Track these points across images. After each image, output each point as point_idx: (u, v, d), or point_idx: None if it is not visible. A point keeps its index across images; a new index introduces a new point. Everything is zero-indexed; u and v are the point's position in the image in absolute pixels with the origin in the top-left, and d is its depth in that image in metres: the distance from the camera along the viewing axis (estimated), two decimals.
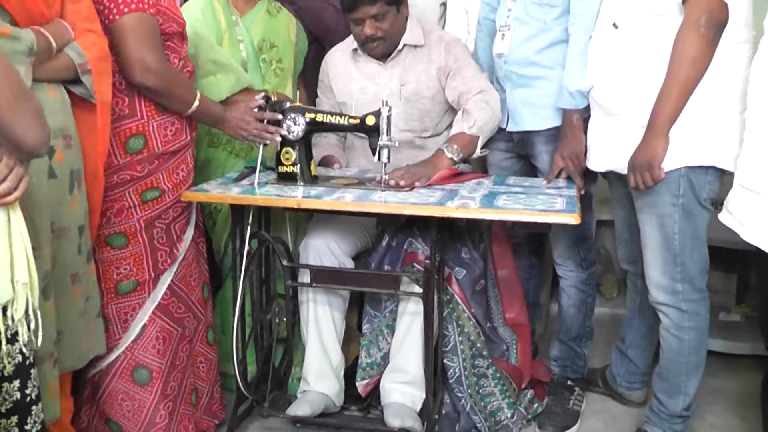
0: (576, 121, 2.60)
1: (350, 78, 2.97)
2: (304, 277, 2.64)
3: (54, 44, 1.98)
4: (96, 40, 2.13)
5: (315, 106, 3.04)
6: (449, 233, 2.63)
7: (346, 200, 2.37)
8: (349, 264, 2.74)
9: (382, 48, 2.88)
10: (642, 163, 2.30)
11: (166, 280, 2.48)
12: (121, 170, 2.33)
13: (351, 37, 2.98)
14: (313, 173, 2.63)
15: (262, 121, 2.57)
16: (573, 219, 2.23)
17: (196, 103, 2.41)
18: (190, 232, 2.56)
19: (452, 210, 2.27)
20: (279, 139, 2.54)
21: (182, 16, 2.46)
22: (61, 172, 2.03)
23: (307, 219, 2.92)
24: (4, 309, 1.60)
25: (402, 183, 2.51)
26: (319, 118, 2.60)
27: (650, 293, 2.49)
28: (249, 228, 2.58)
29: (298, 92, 2.91)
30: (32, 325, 1.65)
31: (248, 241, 2.57)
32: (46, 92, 1.98)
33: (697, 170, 2.31)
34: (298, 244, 2.86)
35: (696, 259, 2.41)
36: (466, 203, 2.31)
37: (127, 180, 2.34)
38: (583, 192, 2.60)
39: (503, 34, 2.79)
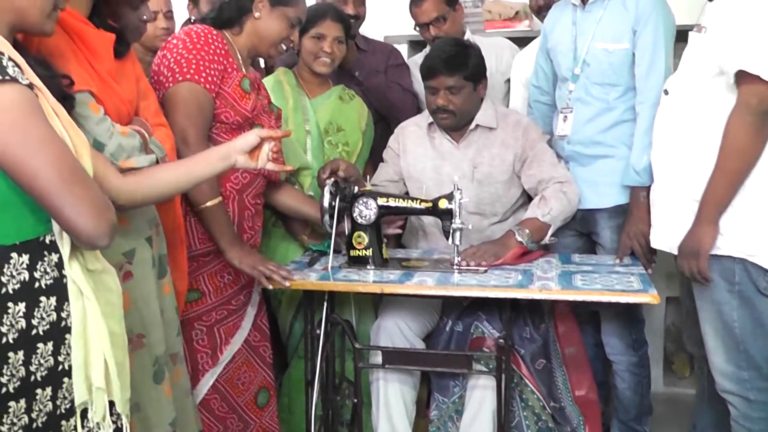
0: (643, 198, 2.63)
1: (424, 155, 3.01)
2: (375, 358, 2.66)
3: (148, 140, 2.05)
4: (168, 133, 2.19)
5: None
6: (514, 313, 2.66)
7: (428, 284, 2.40)
8: (420, 345, 2.75)
9: (451, 121, 2.92)
10: (689, 251, 2.27)
11: (207, 381, 2.50)
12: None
13: (426, 112, 3.04)
14: (384, 256, 2.67)
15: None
16: (652, 299, 2.27)
17: (213, 202, 2.38)
18: (240, 337, 2.57)
19: (536, 292, 2.31)
20: (288, 285, 2.45)
21: (247, 109, 2.50)
22: (157, 259, 2.08)
23: (369, 300, 2.96)
24: (85, 411, 1.56)
25: (473, 263, 2.55)
26: (392, 202, 2.65)
27: (716, 380, 2.38)
28: (322, 311, 2.61)
29: (368, 177, 2.95)
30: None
31: (321, 325, 2.60)
32: None
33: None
34: (359, 323, 2.89)
35: (761, 346, 2.27)
36: (547, 285, 2.35)
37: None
38: (650, 271, 2.64)
39: (565, 116, 2.85)
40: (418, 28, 3.53)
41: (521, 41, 3.82)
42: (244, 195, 2.57)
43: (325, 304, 2.59)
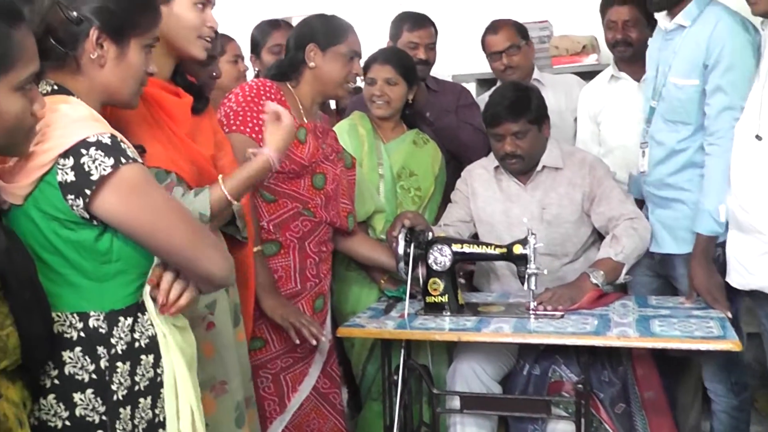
0: (706, 250, 2.56)
1: (492, 198, 3.02)
2: (453, 402, 2.68)
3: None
4: None
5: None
6: (592, 356, 2.65)
7: (505, 331, 2.42)
8: (496, 388, 2.76)
9: (519, 166, 2.93)
10: None
11: (276, 428, 2.53)
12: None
13: (492, 154, 3.06)
14: (460, 302, 2.69)
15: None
16: (733, 346, 2.24)
17: (255, 249, 2.42)
18: (307, 384, 2.60)
19: (613, 339, 2.31)
20: (314, 342, 2.46)
21: (303, 158, 2.55)
22: (233, 308, 2.14)
23: (444, 343, 2.97)
24: None
25: (549, 308, 2.56)
26: (466, 248, 2.68)
27: None
28: (399, 356, 2.64)
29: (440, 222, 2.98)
30: None
31: (398, 370, 2.62)
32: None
33: None
34: (434, 366, 2.91)
35: None
36: (625, 331, 2.34)
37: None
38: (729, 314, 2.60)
39: (643, 152, 2.82)
40: (488, 58, 3.58)
41: (589, 75, 3.82)
42: (306, 243, 2.61)
43: (402, 350, 2.62)
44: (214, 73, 2.42)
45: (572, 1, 4.15)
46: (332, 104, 3.63)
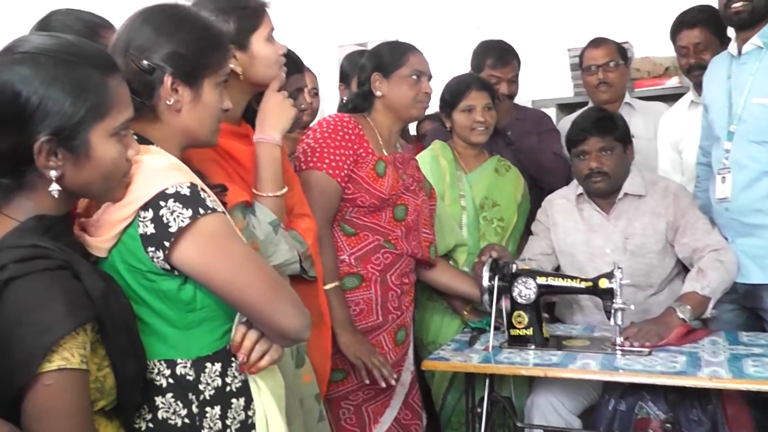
0: None
1: (574, 228, 3.00)
2: None
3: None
4: (310, 224, 2.24)
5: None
6: (680, 394, 2.60)
7: (592, 368, 2.39)
8: (575, 422, 2.73)
9: (605, 184, 2.90)
10: None
11: None
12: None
13: (574, 183, 3.04)
14: (545, 335, 2.67)
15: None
16: None
17: (331, 286, 2.43)
18: (389, 416, 2.61)
19: (705, 380, 2.26)
20: (384, 385, 2.47)
21: (382, 191, 2.56)
22: (295, 349, 2.12)
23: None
24: None
25: (636, 344, 2.52)
26: (551, 281, 2.66)
27: None
28: (482, 388, 2.63)
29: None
30: None
31: (482, 402, 2.61)
32: None
33: None
34: (515, 397, 2.89)
35: None
36: (717, 372, 2.29)
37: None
38: None
39: (723, 177, 2.75)
40: (584, 72, 3.56)
41: (671, 98, 3.77)
42: (388, 275, 2.62)
43: (486, 383, 2.61)
44: (303, 106, 2.45)
45: (654, 22, 4.08)
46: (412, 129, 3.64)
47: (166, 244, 1.45)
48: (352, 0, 4.75)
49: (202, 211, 1.47)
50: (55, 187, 1.37)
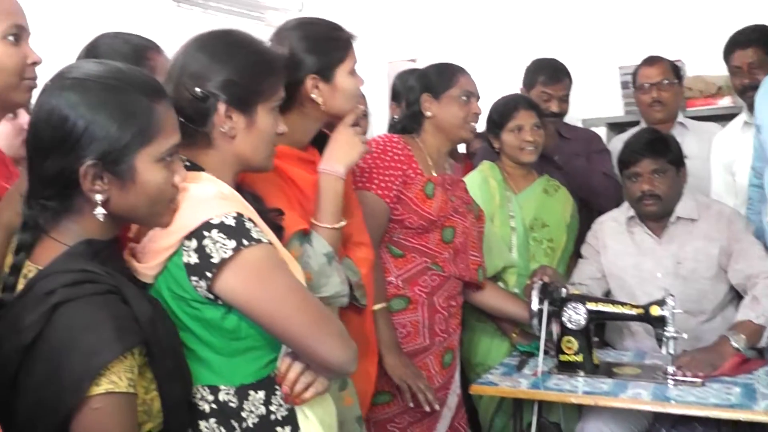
0: None
1: (624, 252, 2.97)
2: None
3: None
4: (367, 253, 2.23)
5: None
6: (734, 426, 2.56)
7: (643, 398, 2.37)
8: None
9: (657, 208, 2.86)
10: None
11: None
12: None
13: (625, 205, 3.01)
14: (594, 362, 2.64)
15: None
16: None
17: (379, 307, 2.41)
18: None
19: (761, 415, 2.21)
20: (429, 409, 2.46)
21: (431, 213, 2.55)
22: None
23: None
24: None
25: (689, 374, 2.49)
26: (601, 307, 2.64)
27: None
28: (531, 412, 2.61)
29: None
30: None
31: (531, 427, 2.60)
32: None
33: None
34: (565, 423, 2.86)
35: None
36: None
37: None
38: None
39: None
40: (638, 91, 3.52)
41: (724, 118, 3.71)
42: (435, 298, 2.61)
43: (535, 408, 2.60)
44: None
45: (706, 40, 4.04)
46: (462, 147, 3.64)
47: (209, 274, 1.45)
48: (403, 16, 4.77)
49: (246, 242, 1.46)
50: (100, 211, 1.38)
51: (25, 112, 2.01)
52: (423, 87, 2.67)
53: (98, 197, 1.37)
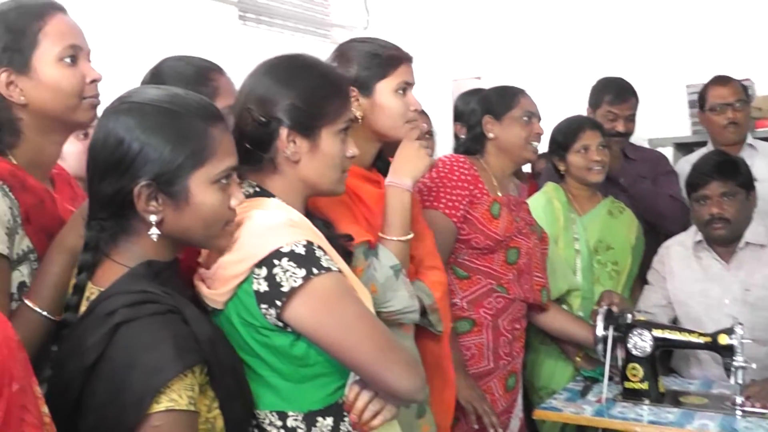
0: None
1: (691, 278, 2.93)
2: None
3: None
4: (440, 277, 2.23)
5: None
6: None
7: (710, 429, 2.33)
8: None
9: (725, 232, 2.83)
10: None
11: None
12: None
13: (692, 229, 2.98)
14: (660, 390, 2.62)
15: None
16: None
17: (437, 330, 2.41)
18: None
19: None
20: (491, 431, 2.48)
21: (497, 233, 2.56)
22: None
23: None
24: None
25: (758, 405, 2.45)
26: (668, 334, 2.62)
27: None
28: None
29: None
30: None
31: None
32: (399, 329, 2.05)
33: None
34: None
35: None
36: None
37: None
38: None
39: None
40: (710, 112, 3.46)
41: None
42: (499, 320, 2.61)
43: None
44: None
45: None
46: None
47: (278, 303, 1.47)
48: (467, 34, 4.79)
49: (315, 270, 1.48)
50: (154, 231, 1.41)
51: None
52: (484, 109, 2.69)
53: (152, 218, 1.40)
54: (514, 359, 2.68)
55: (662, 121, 4.04)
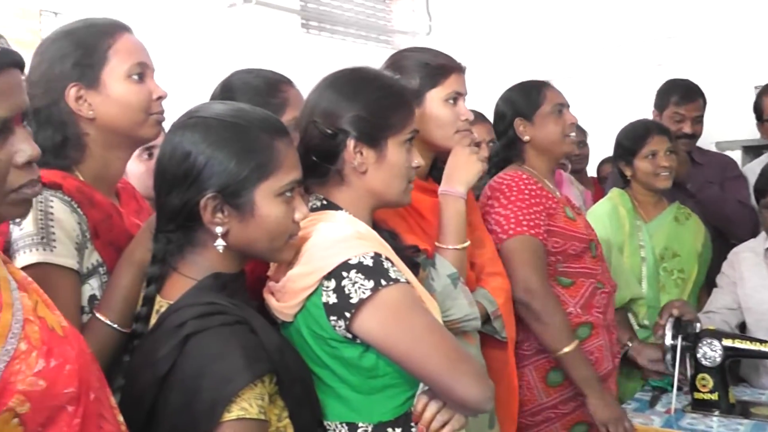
0: None
1: (761, 285, 2.86)
2: None
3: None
4: (502, 283, 2.22)
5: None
6: None
7: None
8: None
9: None
10: None
11: None
12: (546, 409, 2.39)
13: (762, 235, 2.91)
14: (731, 401, 2.56)
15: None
16: None
17: (570, 348, 2.32)
18: None
19: None
20: None
21: (583, 232, 2.49)
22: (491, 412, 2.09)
23: None
24: None
25: None
26: (738, 343, 2.55)
27: None
28: None
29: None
30: None
31: None
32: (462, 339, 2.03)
33: None
34: None
35: None
36: None
37: (552, 418, 2.41)
38: None
39: None
40: None
41: None
42: (606, 317, 2.53)
43: None
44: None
45: None
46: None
47: (347, 314, 1.48)
48: (530, 37, 4.77)
49: (383, 282, 1.49)
50: (220, 243, 1.44)
51: None
52: (513, 112, 2.55)
53: (218, 229, 1.43)
54: (616, 357, 2.61)
55: (730, 124, 3.97)
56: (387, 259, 1.54)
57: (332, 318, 1.50)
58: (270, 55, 2.58)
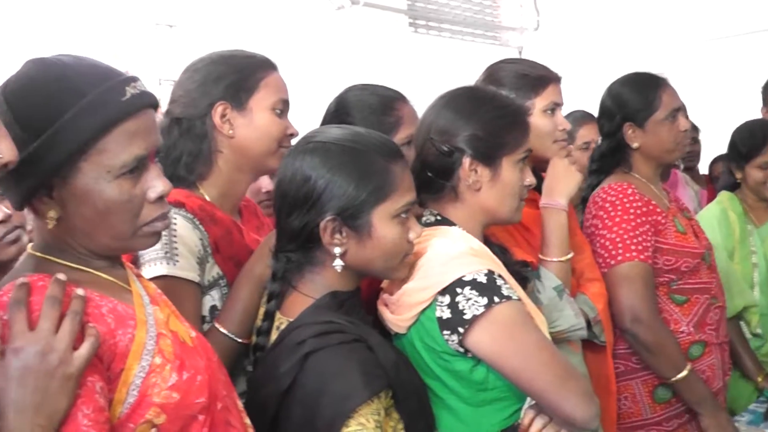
0: None
1: None
2: None
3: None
4: (601, 289, 2.18)
5: None
6: None
7: None
8: None
9: None
10: None
11: None
12: (648, 425, 2.32)
13: None
14: None
15: None
16: None
17: (684, 373, 2.23)
18: None
19: None
20: None
21: (696, 246, 2.37)
22: None
23: None
24: None
25: None
26: None
27: None
28: None
29: None
30: None
31: None
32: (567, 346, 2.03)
33: None
34: None
35: None
36: None
37: None
38: None
39: None
40: None
41: None
42: (718, 333, 2.41)
43: None
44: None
45: None
46: None
47: (461, 329, 1.52)
48: (641, 32, 4.66)
49: (497, 299, 1.52)
50: (338, 263, 1.49)
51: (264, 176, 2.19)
52: (624, 115, 2.38)
53: (337, 250, 1.48)
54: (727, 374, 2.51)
55: None
56: (500, 276, 1.58)
57: (445, 332, 1.54)
58: (378, 56, 2.61)
